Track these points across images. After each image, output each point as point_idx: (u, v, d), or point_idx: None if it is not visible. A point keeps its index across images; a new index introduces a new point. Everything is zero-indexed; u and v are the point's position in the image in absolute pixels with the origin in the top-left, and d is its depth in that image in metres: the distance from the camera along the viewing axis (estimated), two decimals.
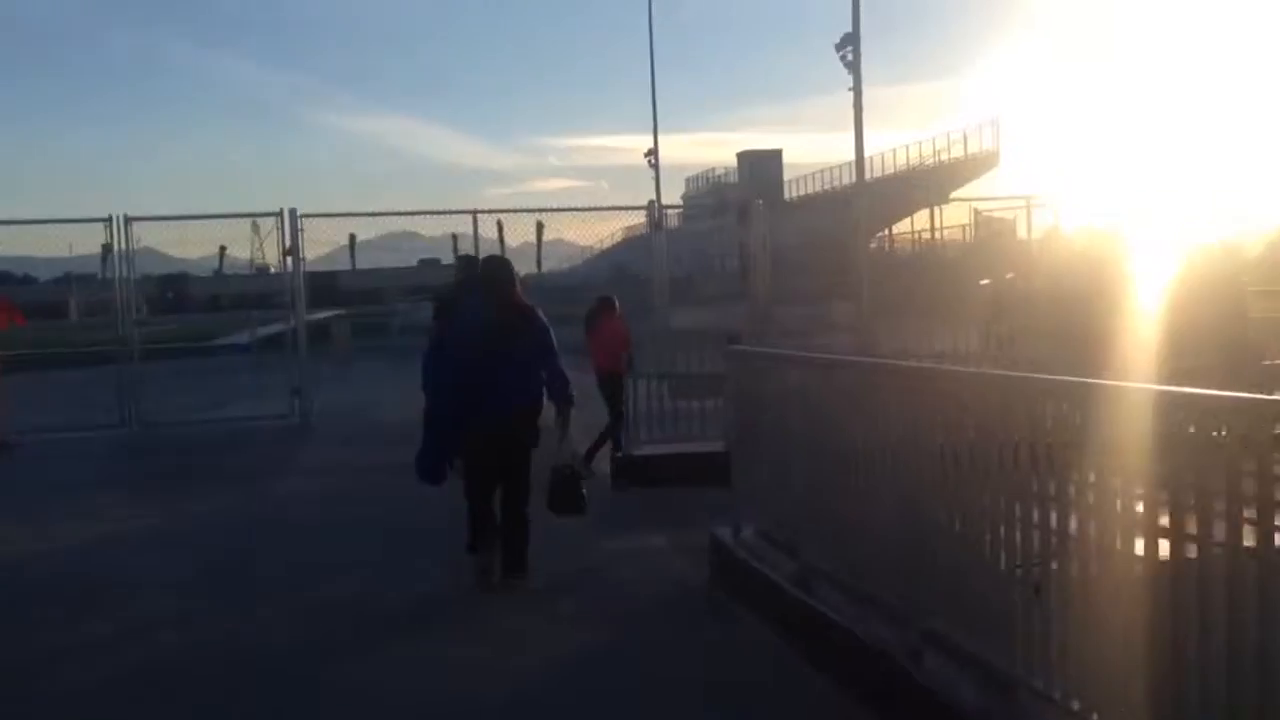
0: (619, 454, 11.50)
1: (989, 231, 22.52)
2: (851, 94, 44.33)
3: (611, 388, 11.63)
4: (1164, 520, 3.44)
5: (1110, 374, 8.06)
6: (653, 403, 11.71)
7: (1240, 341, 11.02)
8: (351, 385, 19.24)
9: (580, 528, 7.99)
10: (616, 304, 12.19)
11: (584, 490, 7.55)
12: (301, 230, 15.74)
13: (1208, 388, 3.59)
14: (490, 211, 16.92)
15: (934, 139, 45.54)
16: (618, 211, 22.48)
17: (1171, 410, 3.53)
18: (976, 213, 22.19)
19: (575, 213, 19.17)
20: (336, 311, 33.00)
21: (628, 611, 6.93)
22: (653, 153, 60.65)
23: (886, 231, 41.92)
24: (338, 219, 18.67)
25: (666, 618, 6.75)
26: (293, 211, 15.76)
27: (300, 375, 15.89)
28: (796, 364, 6.52)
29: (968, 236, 26.88)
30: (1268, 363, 10.93)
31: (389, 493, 10.11)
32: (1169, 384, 3.89)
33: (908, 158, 47.31)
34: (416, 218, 19.15)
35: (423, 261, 47.09)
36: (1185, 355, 9.84)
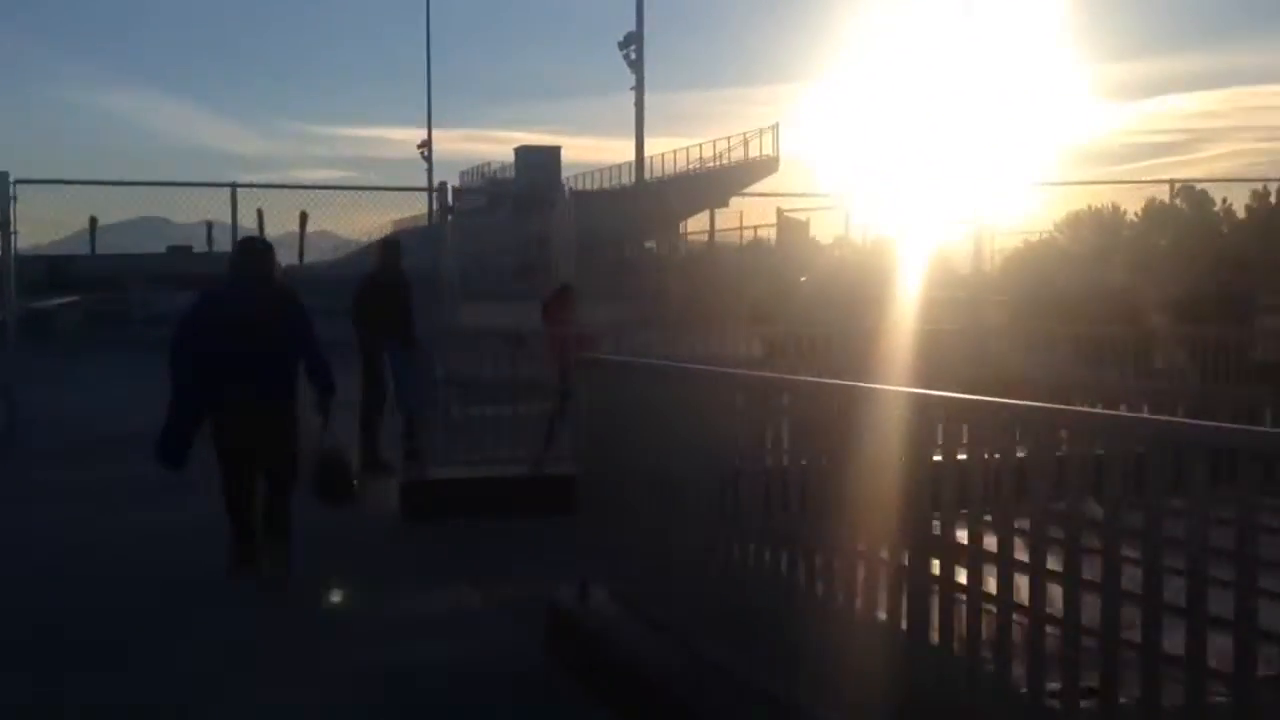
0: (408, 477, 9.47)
1: (787, 232, 21.85)
2: (633, 93, 43.49)
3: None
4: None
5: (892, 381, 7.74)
6: (448, 414, 9.76)
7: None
8: (81, 383, 16.65)
9: (367, 584, 6.70)
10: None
11: (354, 477, 7.29)
12: (14, 199, 13.14)
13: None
14: (251, 186, 14.73)
15: (714, 142, 45.39)
16: (391, 202, 20.55)
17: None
18: (781, 212, 21.42)
19: (350, 197, 17.42)
20: (69, 298, 29.62)
21: (434, 710, 5.10)
22: (426, 144, 58.54)
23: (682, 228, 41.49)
24: (65, 192, 16.14)
25: None
26: (3, 175, 13.16)
27: (7, 371, 13.13)
28: (676, 378, 5.11)
29: (755, 236, 26.47)
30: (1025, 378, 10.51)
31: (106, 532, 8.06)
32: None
33: (688, 159, 47.02)
34: (168, 202, 17.09)
35: (172, 249, 43.46)
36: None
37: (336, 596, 6.84)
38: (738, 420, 4.55)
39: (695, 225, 41.48)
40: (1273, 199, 53.77)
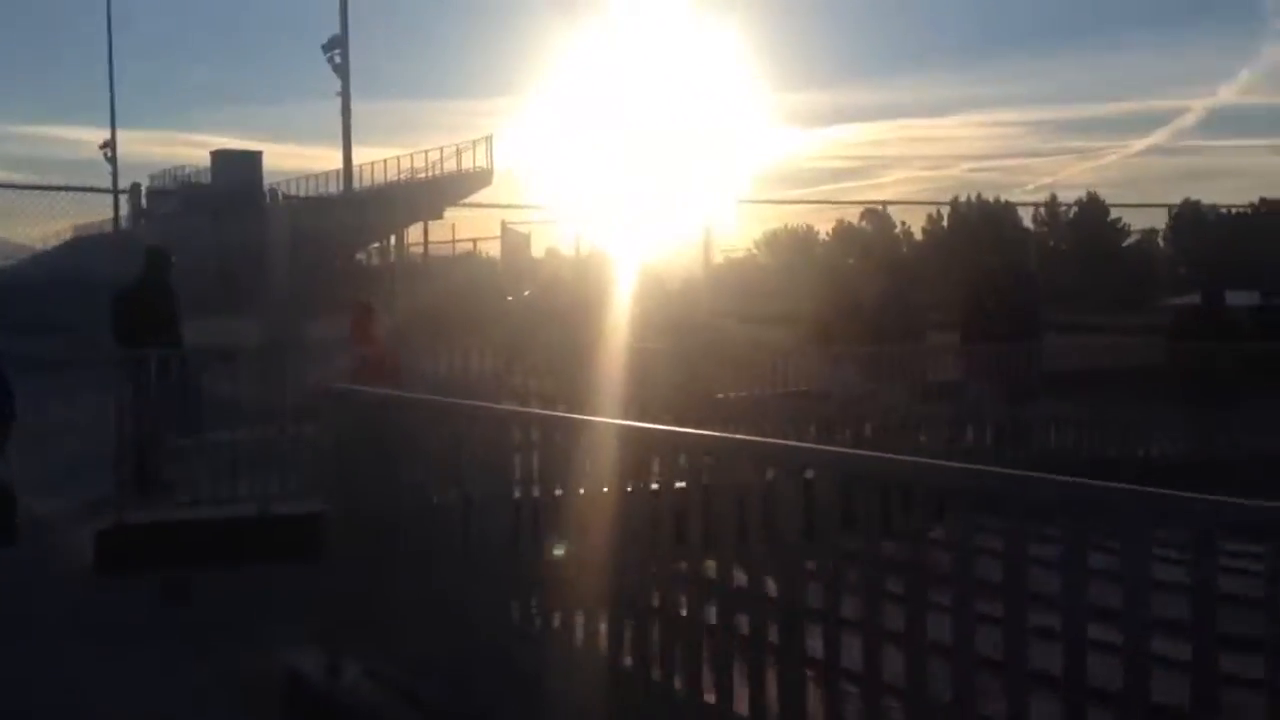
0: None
1: (510, 245, 22.00)
2: (339, 99, 42.46)
3: None
4: None
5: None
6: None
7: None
8: None
9: (67, 658, 5.55)
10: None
11: (16, 517, 6.05)
12: None
13: None
14: None
15: (427, 152, 44.90)
16: (68, 206, 18.94)
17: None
18: (505, 225, 21.55)
19: (18, 198, 16.09)
20: None
21: None
22: (110, 144, 54.92)
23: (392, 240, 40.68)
24: None
25: None
26: None
27: None
28: (443, 414, 4.80)
29: (475, 248, 26.49)
30: (720, 395, 11.18)
31: None
32: None
33: (399, 169, 46.26)
34: None
35: None
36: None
37: None
38: (471, 453, 4.42)
39: (416, 235, 40.97)
40: (944, 223, 58.56)
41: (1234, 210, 52.52)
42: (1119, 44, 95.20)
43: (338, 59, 46.12)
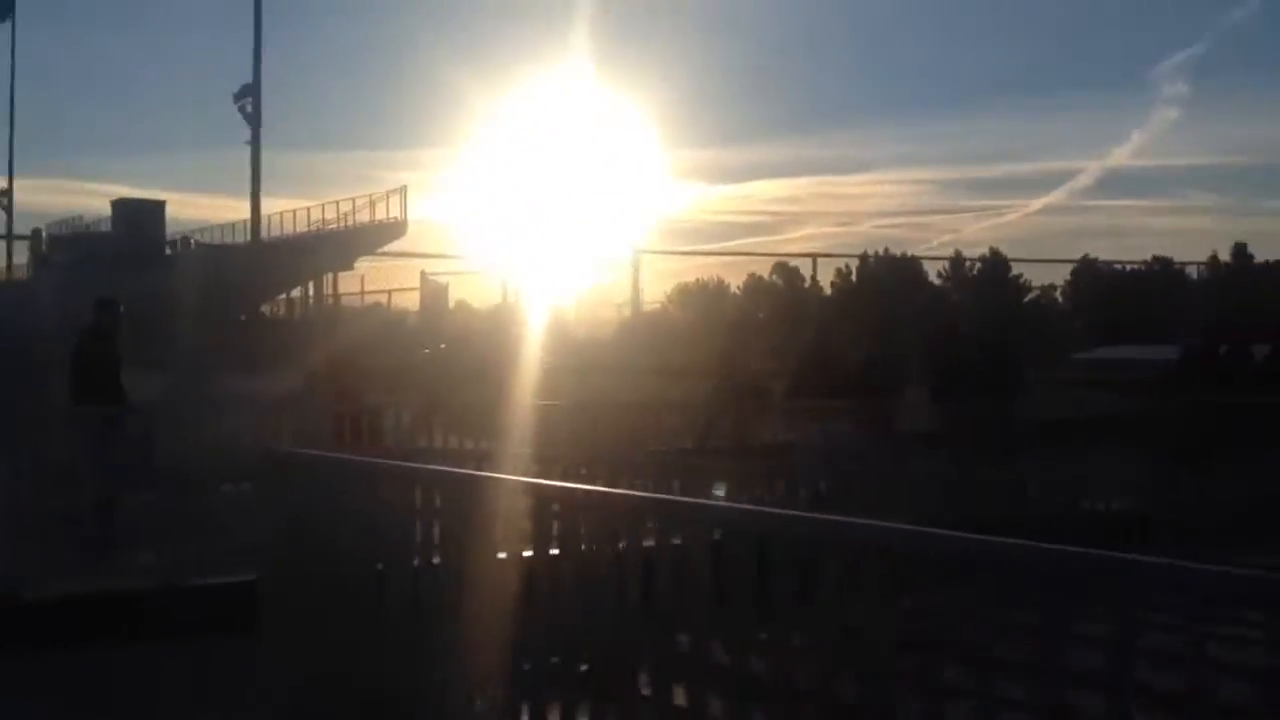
0: None
1: (429, 295, 21.93)
2: (249, 148, 42.09)
3: None
4: None
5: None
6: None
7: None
8: None
9: None
10: None
11: None
12: None
13: None
14: None
15: (339, 202, 44.55)
16: None
17: None
18: (425, 275, 21.47)
19: None
20: None
21: None
22: (6, 193, 53.69)
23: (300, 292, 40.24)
24: None
25: None
26: None
27: None
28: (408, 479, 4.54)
29: (390, 299, 26.35)
30: (653, 449, 11.25)
31: None
32: None
33: (309, 220, 45.79)
34: None
35: None
36: None
37: None
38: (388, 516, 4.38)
39: (343, 285, 40.53)
40: (853, 277, 59.62)
41: (1129, 267, 54.39)
42: (1019, 107, 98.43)
43: (249, 107, 45.81)
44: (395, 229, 40.53)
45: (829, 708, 3.10)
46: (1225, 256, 59.11)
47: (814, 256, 56.88)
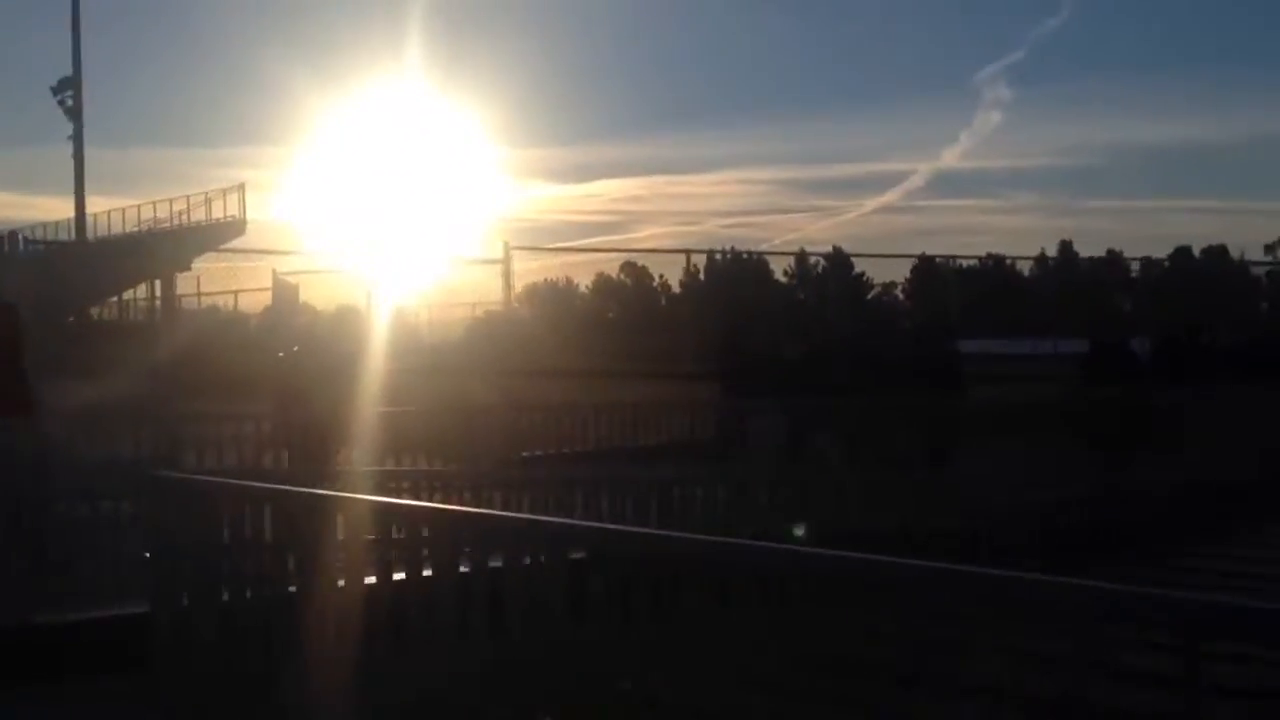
0: None
1: (280, 295, 21.09)
2: (71, 144, 40.21)
3: None
4: None
5: None
6: None
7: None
8: None
9: None
10: None
11: None
12: None
13: None
14: None
15: (171, 201, 42.79)
16: None
17: None
18: (276, 275, 20.63)
19: None
20: None
21: None
22: None
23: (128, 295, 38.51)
24: None
25: None
26: None
27: None
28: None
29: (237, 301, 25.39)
30: (526, 453, 11.05)
31: None
32: None
33: (140, 219, 43.92)
34: None
35: None
36: None
37: None
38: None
39: (185, 287, 38.90)
40: (702, 275, 60.19)
41: (966, 265, 56.24)
42: (854, 110, 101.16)
43: (69, 101, 43.66)
44: (233, 227, 39.17)
45: None
46: (1053, 253, 61.82)
47: (689, 251, 57.17)
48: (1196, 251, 58.52)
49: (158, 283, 39.63)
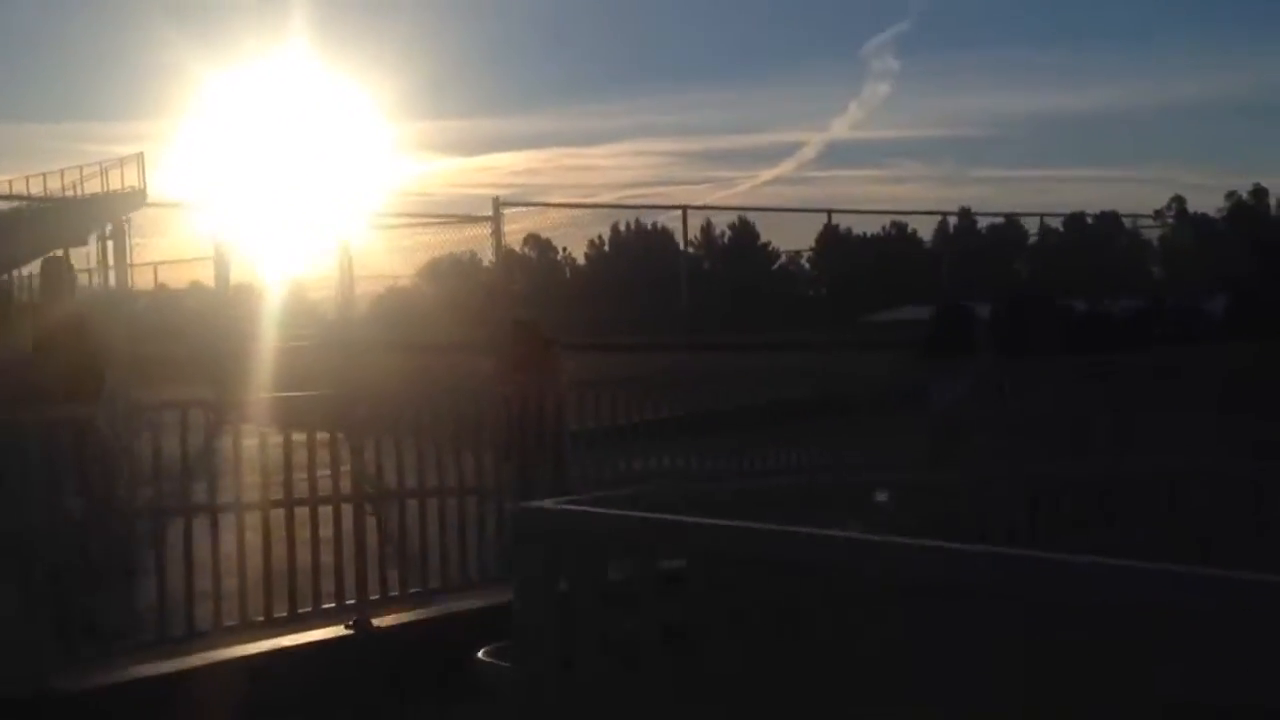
0: None
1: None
2: None
3: None
4: None
5: None
6: None
7: None
8: None
9: None
10: None
11: None
12: None
13: None
14: None
15: (63, 172, 41.40)
16: None
17: None
18: (218, 244, 20.09)
19: None
20: None
21: None
22: None
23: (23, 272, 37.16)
24: None
25: None
26: None
27: None
28: None
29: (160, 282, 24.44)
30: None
31: None
32: None
33: (29, 189, 42.49)
34: None
35: None
36: None
37: None
38: None
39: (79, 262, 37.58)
40: (607, 248, 60.24)
41: (868, 235, 56.93)
42: (746, 81, 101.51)
43: None
44: (134, 199, 38.01)
45: None
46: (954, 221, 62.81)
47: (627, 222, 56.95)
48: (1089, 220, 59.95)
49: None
